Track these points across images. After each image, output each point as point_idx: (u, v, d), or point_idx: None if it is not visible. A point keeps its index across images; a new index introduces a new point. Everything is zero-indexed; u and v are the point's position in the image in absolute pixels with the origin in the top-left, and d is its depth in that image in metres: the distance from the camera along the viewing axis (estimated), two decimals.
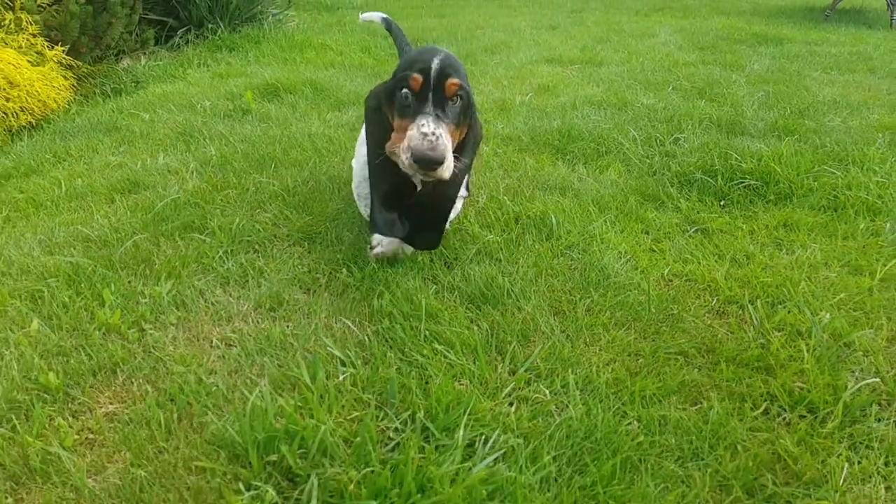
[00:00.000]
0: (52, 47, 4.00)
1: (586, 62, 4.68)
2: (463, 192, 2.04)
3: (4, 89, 3.52)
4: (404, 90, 1.59)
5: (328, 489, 1.14)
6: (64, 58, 4.05)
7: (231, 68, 4.36)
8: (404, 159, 1.55)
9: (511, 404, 1.40)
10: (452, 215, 1.98)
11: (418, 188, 1.83)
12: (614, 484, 1.20)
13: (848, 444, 1.34)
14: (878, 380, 1.49)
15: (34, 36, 3.95)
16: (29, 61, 3.79)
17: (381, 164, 1.74)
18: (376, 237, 1.90)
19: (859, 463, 1.29)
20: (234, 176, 2.52)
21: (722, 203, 2.42)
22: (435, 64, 1.58)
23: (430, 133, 1.51)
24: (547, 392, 1.43)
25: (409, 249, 1.91)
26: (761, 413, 1.42)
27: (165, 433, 1.28)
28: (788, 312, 1.75)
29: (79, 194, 2.43)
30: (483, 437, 1.29)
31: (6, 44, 3.80)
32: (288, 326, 1.63)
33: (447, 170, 1.54)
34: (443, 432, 1.29)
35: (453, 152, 1.60)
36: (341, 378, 1.42)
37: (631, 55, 4.90)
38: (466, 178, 1.94)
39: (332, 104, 3.59)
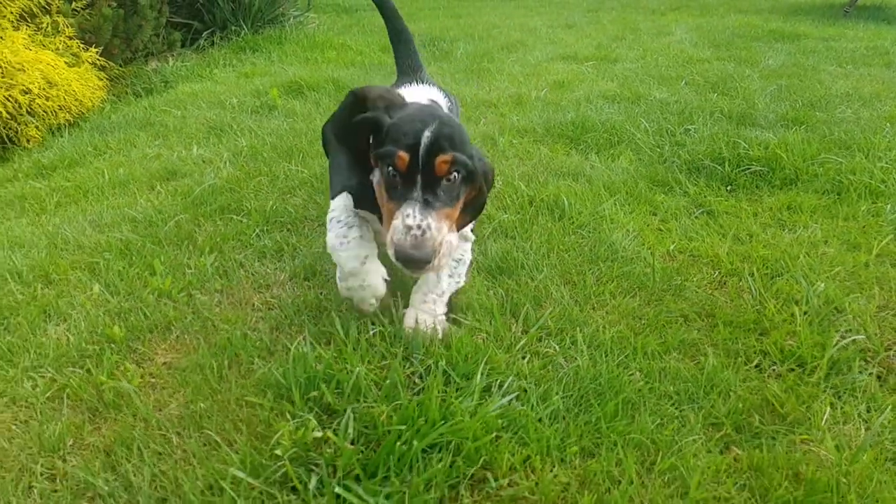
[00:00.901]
0: (87, 49, 4.28)
1: (601, 59, 4.85)
2: (468, 234, 1.80)
3: (44, 89, 3.79)
4: (390, 168, 1.38)
5: (363, 420, 1.33)
6: (98, 59, 4.33)
7: (256, 68, 4.60)
8: (390, 254, 1.36)
9: (524, 357, 1.58)
10: (463, 282, 1.74)
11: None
12: (616, 420, 1.38)
13: (832, 392, 1.50)
14: (863, 337, 1.64)
15: (70, 38, 4.23)
16: (66, 62, 4.06)
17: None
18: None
19: (841, 408, 1.45)
20: (264, 165, 2.74)
21: (729, 188, 2.58)
22: (425, 138, 1.35)
23: (414, 226, 1.31)
24: (557, 347, 1.61)
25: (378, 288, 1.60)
26: (753, 367, 1.58)
27: (217, 377, 1.48)
28: (786, 283, 1.91)
29: (121, 182, 2.66)
30: (498, 382, 1.47)
31: (44, 46, 4.07)
32: (322, 293, 1.83)
33: (440, 265, 1.36)
34: (462, 378, 1.47)
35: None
36: (371, 334, 1.61)
37: (646, 52, 5.07)
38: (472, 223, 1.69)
39: None
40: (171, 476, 1.23)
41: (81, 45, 4.25)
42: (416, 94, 1.92)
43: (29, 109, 3.66)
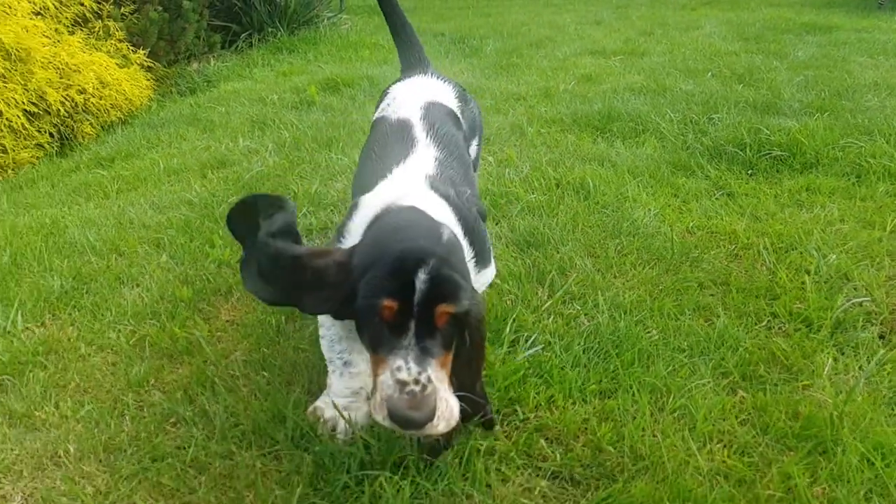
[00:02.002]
0: (135, 51, 4.59)
1: (629, 53, 5.00)
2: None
3: (98, 89, 4.10)
4: (375, 317, 1.09)
5: None
6: (145, 60, 4.64)
7: (293, 67, 4.87)
8: (380, 419, 1.07)
9: (549, 316, 1.76)
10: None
11: None
12: (633, 368, 1.55)
13: (835, 348, 1.65)
14: (869, 300, 1.79)
15: (119, 41, 4.55)
16: (116, 64, 4.38)
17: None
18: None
19: (843, 361, 1.60)
20: (306, 154, 2.97)
21: (749, 172, 2.72)
22: (421, 282, 1.07)
23: (410, 381, 1.05)
24: (579, 308, 1.79)
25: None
26: (763, 326, 1.74)
27: (276, 331, 1.70)
28: (799, 255, 2.05)
29: (175, 170, 2.92)
30: (525, 336, 1.66)
31: (97, 49, 4.39)
32: None
33: (445, 421, 1.07)
34: (492, 332, 1.66)
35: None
36: None
37: (673, 46, 5.19)
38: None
39: None
40: (241, 408, 1.44)
41: (130, 48, 4.57)
42: (421, 86, 1.84)
43: (84, 108, 3.97)
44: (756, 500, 1.22)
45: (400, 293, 1.07)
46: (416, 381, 1.05)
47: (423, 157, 1.49)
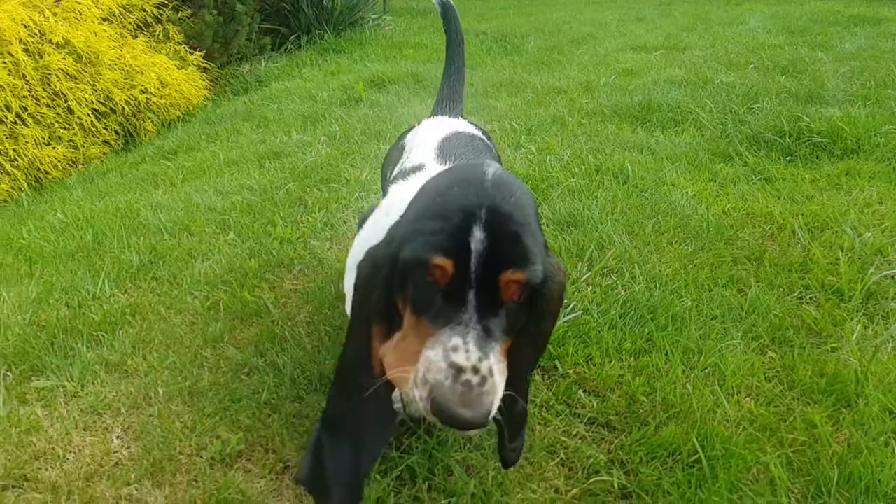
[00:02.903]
0: (192, 53, 4.89)
1: (670, 48, 5.07)
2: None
3: (159, 88, 4.40)
4: (424, 278, 0.91)
5: None
6: (201, 62, 4.93)
7: (340, 66, 5.10)
8: (417, 396, 0.89)
9: (588, 287, 1.90)
10: None
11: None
12: (667, 331, 1.67)
13: (865, 316, 1.74)
14: None
15: (178, 44, 4.86)
16: (175, 65, 4.67)
17: (357, 383, 1.03)
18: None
19: (872, 328, 1.69)
20: (356, 145, 3.17)
21: (788, 158, 2.79)
22: (477, 234, 0.88)
23: (468, 367, 0.86)
24: (616, 280, 1.91)
25: None
26: (795, 297, 1.84)
27: (334, 296, 1.88)
28: (834, 234, 2.13)
29: (234, 161, 3.15)
30: (566, 303, 1.79)
31: (157, 51, 4.70)
32: None
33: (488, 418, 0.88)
34: None
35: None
36: None
37: (716, 41, 5.24)
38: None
39: (432, 91, 4.20)
40: (307, 360, 1.62)
41: (187, 50, 4.87)
42: (447, 126, 1.63)
43: (147, 106, 4.27)
44: (780, 443, 1.34)
45: (452, 252, 0.88)
46: (476, 370, 0.86)
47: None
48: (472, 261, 0.88)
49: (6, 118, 3.52)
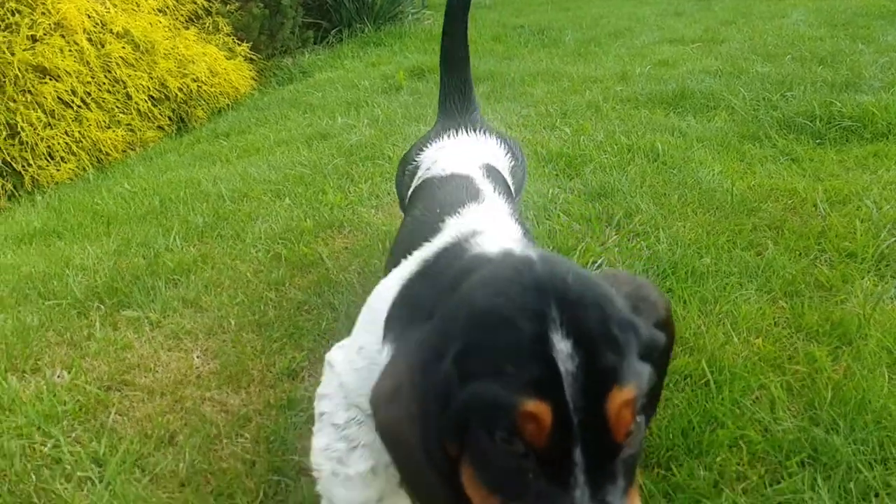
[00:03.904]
0: (240, 44, 5.23)
1: (707, 41, 5.23)
2: None
3: (209, 77, 4.74)
4: (504, 437, 0.66)
5: None
6: (248, 53, 5.27)
7: (381, 58, 5.39)
8: None
9: (616, 248, 2.11)
10: None
11: None
12: (686, 283, 1.88)
13: (876, 275, 1.91)
14: None
15: (227, 35, 5.20)
16: (224, 56, 5.02)
17: None
18: None
19: (882, 285, 1.86)
20: (397, 127, 3.43)
21: (818, 141, 2.95)
22: (570, 363, 0.65)
23: None
24: (642, 242, 2.12)
25: None
26: (810, 259, 2.02)
27: (382, 251, 2.12)
28: (854, 207, 2.30)
29: (284, 141, 3.43)
30: (593, 260, 2.01)
31: (207, 42, 5.05)
32: None
33: None
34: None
35: None
36: None
37: (755, 33, 5.37)
38: None
39: None
40: (360, 302, 1.86)
41: (235, 41, 5.21)
42: (462, 148, 1.60)
43: (198, 94, 4.61)
44: (783, 372, 1.53)
45: (546, 389, 0.64)
46: None
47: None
48: (566, 393, 0.63)
49: (73, 102, 3.88)
